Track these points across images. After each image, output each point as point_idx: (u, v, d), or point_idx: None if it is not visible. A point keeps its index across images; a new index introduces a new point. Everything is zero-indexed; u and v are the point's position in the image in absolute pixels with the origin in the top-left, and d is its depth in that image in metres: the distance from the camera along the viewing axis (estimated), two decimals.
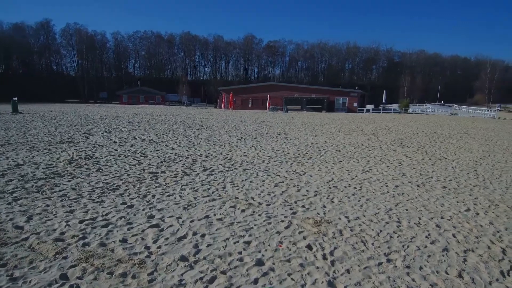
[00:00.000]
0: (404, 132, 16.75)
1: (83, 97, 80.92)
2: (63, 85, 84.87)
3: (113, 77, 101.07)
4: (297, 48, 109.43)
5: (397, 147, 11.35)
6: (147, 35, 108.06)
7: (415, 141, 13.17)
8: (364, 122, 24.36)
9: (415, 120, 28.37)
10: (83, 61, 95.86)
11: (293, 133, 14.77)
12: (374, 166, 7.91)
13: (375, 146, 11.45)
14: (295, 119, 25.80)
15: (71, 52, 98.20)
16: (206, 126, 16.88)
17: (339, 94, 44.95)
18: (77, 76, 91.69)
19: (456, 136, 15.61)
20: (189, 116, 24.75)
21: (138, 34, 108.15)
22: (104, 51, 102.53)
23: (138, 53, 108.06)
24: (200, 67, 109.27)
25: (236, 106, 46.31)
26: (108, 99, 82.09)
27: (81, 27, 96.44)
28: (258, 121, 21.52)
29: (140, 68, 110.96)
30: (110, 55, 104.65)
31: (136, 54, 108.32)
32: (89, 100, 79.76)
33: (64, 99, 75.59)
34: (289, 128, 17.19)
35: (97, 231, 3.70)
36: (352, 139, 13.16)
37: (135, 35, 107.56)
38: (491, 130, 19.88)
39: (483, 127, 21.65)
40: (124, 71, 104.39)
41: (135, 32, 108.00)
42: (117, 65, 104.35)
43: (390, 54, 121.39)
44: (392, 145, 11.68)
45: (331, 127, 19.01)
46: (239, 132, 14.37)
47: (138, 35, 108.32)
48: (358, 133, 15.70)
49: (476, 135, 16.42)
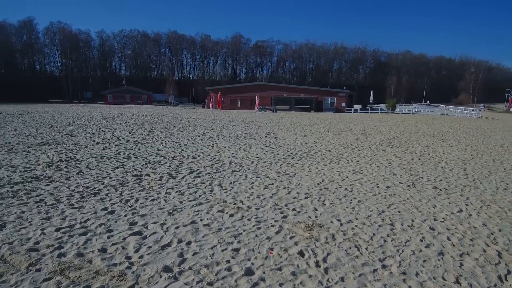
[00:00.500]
0: (392, 132, 16.82)
1: (67, 97, 79.06)
2: (47, 85, 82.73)
3: (98, 76, 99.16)
4: (285, 48, 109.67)
5: (386, 147, 11.33)
6: (133, 34, 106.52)
7: (404, 141, 13.21)
8: (353, 122, 24.46)
9: (402, 120, 28.67)
10: (67, 60, 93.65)
11: (282, 133, 14.64)
12: (364, 166, 7.82)
13: (364, 146, 11.41)
14: (284, 119, 25.72)
15: (54, 51, 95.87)
16: (193, 126, 16.59)
17: (327, 94, 45.15)
18: (61, 76, 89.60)
19: (443, 135, 15.76)
20: (176, 116, 24.36)
21: (123, 33, 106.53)
22: (88, 50, 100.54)
23: (124, 52, 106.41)
24: (188, 67, 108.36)
25: (224, 106, 46.00)
26: (93, 99, 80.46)
27: (65, 26, 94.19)
28: (247, 121, 21.33)
29: (126, 67, 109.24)
30: (95, 54, 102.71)
31: (121, 53, 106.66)
32: (73, 100, 77.97)
33: (48, 99, 73.74)
34: (278, 128, 17.06)
35: (75, 240, 3.45)
36: (341, 139, 13.11)
37: (120, 34, 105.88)
38: (476, 129, 20.21)
39: (469, 127, 22.00)
40: (109, 71, 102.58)
41: (121, 31, 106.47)
42: (102, 65, 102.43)
43: (376, 55, 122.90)
44: (381, 145, 11.66)
45: (320, 127, 18.97)
46: (227, 133, 14.15)
47: (124, 34, 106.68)
48: (347, 133, 15.68)
49: (463, 134, 16.63)
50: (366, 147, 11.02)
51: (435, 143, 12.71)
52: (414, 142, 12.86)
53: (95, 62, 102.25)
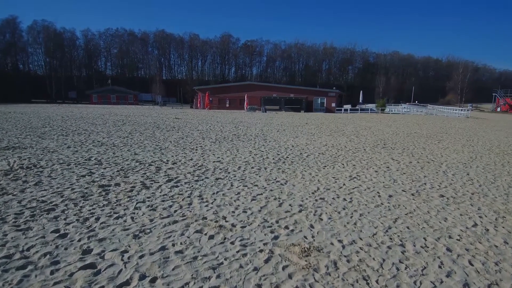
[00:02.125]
0: (385, 133, 16.33)
1: (51, 97, 76.71)
2: (30, 85, 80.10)
3: (83, 76, 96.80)
4: (274, 48, 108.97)
5: (381, 148, 10.75)
6: (119, 32, 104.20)
7: (398, 142, 12.68)
8: (344, 122, 23.97)
9: (393, 120, 28.37)
10: (51, 59, 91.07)
11: (272, 135, 13.95)
12: (361, 171, 7.19)
13: (358, 148, 10.81)
14: (274, 119, 25.06)
15: (38, 50, 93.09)
16: (178, 127, 15.72)
17: (317, 94, 44.71)
18: (45, 75, 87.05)
19: (437, 136, 15.34)
20: (161, 116, 23.41)
21: (109, 32, 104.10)
22: (73, 49, 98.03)
23: (110, 51, 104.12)
24: (176, 66, 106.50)
25: (213, 106, 45.10)
26: (77, 99, 78.24)
27: (49, 24, 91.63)
28: (235, 122, 20.58)
29: (112, 66, 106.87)
30: (80, 53, 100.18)
31: (107, 52, 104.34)
32: (57, 100, 75.65)
33: (31, 99, 71.36)
34: (268, 129, 16.37)
35: (8, 277, 2.67)
36: (334, 141, 12.50)
37: (106, 33, 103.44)
38: (468, 129, 19.94)
39: (460, 127, 21.75)
40: (95, 70, 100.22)
41: (107, 29, 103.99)
42: (87, 64, 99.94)
43: (365, 55, 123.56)
44: (376, 147, 11.09)
45: (311, 127, 18.37)
46: (213, 134, 13.37)
47: (110, 32, 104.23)
48: (339, 134, 15.10)
49: (456, 135, 16.26)
50: (361, 149, 10.41)
51: (430, 144, 12.21)
52: (409, 143, 12.35)
53: (80, 61, 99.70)
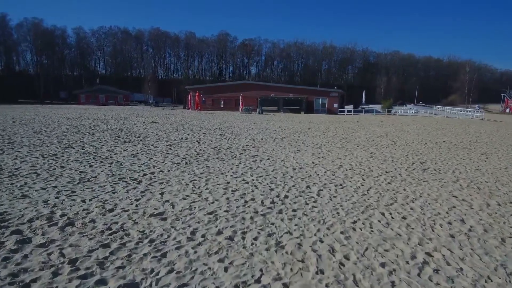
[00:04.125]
0: (408, 142, 12.96)
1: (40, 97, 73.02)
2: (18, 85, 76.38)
3: (76, 75, 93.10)
4: (273, 47, 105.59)
5: (422, 172, 7.39)
6: (112, 30, 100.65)
7: (437, 159, 9.31)
8: (352, 126, 20.60)
9: (406, 123, 25.02)
10: (41, 58, 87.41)
11: (266, 147, 10.55)
12: (426, 238, 3.78)
13: (389, 171, 7.44)
14: (271, 122, 21.69)
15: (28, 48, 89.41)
16: (144, 136, 12.22)
17: (318, 94, 41.29)
18: (34, 75, 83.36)
19: (473, 146, 12.00)
20: (138, 119, 19.96)
21: (103, 30, 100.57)
22: (65, 47, 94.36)
23: (103, 50, 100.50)
24: (172, 65, 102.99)
25: (206, 106, 41.67)
26: (67, 99, 74.59)
27: (39, 22, 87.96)
28: (224, 127, 17.17)
29: (105, 65, 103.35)
30: (72, 51, 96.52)
31: (100, 51, 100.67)
32: (45, 100, 71.97)
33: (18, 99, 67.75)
34: (261, 138, 12.97)
35: None
36: (351, 157, 9.12)
37: (99, 31, 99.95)
38: (498, 135, 16.60)
39: (485, 132, 18.43)
40: (87, 69, 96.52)
41: (100, 27, 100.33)
42: (79, 63, 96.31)
43: (365, 55, 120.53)
44: (413, 169, 7.71)
45: (316, 134, 14.98)
46: (185, 148, 9.94)
47: (103, 30, 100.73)
48: (353, 145, 11.71)
49: (493, 143, 12.92)
50: (396, 175, 7.03)
51: (480, 162, 8.85)
52: (453, 161, 8.98)
53: (72, 60, 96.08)
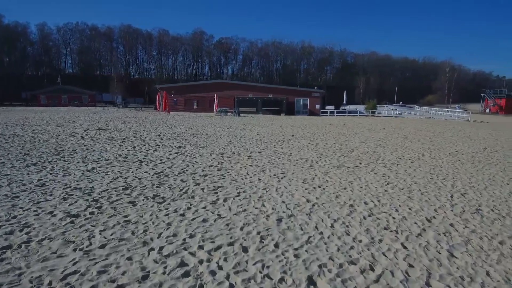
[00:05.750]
0: (415, 152, 10.35)
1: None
2: None
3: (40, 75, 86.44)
4: (250, 46, 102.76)
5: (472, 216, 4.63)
6: (80, 27, 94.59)
7: (475, 184, 6.66)
8: (341, 131, 17.98)
9: (396, 126, 22.75)
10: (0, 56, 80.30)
11: (237, 168, 7.57)
12: None
13: (431, 216, 4.64)
14: (248, 127, 18.75)
15: None
16: (67, 153, 8.84)
17: (299, 94, 38.76)
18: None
19: (498, 160, 9.55)
20: (86, 125, 16.45)
21: (69, 26, 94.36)
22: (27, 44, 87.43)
23: (70, 47, 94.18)
24: (144, 64, 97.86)
25: (178, 107, 38.14)
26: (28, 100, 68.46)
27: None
28: (188, 135, 14.03)
29: (73, 64, 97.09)
30: (35, 49, 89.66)
31: (67, 49, 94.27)
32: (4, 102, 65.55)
33: None
34: (234, 152, 9.98)
35: None
36: (359, 185, 6.29)
37: (65, 27, 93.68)
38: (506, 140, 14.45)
39: (486, 136, 16.31)
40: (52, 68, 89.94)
41: (66, 24, 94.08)
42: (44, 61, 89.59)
43: (343, 55, 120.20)
44: (464, 212, 4.96)
45: (302, 144, 12.15)
46: (112, 175, 6.80)
47: (69, 27, 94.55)
48: (354, 161, 8.93)
49: None
50: (444, 223, 4.22)
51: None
52: (496, 187, 6.36)
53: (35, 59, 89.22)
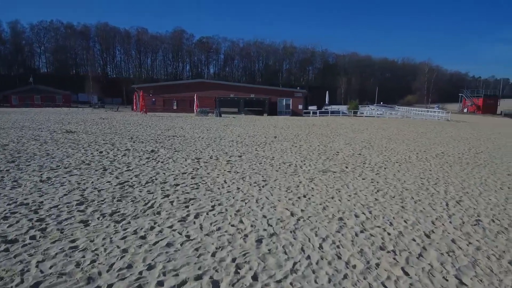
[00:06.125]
0: (401, 154, 9.98)
1: None
2: None
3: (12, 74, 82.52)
4: (232, 46, 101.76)
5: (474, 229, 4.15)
6: (54, 25, 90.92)
7: (469, 190, 6.25)
8: (324, 132, 17.57)
9: (380, 127, 22.62)
10: None
11: (214, 176, 6.89)
12: None
13: (430, 231, 4.11)
14: (229, 128, 18.06)
15: None
16: (17, 163, 7.93)
17: (281, 94, 38.35)
18: None
19: (485, 161, 9.30)
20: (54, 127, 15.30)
21: (43, 24, 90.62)
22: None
23: (44, 46, 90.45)
24: (122, 63, 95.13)
25: (157, 108, 36.92)
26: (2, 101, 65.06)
27: None
28: (163, 137, 13.20)
29: (47, 63, 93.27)
30: (7, 48, 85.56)
31: (41, 48, 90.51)
32: None
33: None
34: (211, 156, 9.27)
35: None
36: (347, 193, 5.74)
37: (39, 25, 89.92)
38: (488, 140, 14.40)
39: (469, 136, 16.30)
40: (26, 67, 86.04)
41: (40, 22, 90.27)
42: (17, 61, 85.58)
43: (325, 56, 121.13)
44: (464, 224, 4.48)
45: (285, 146, 11.58)
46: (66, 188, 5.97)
47: (44, 25, 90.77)
48: (340, 165, 8.41)
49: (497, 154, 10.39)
50: (446, 240, 3.70)
51: None
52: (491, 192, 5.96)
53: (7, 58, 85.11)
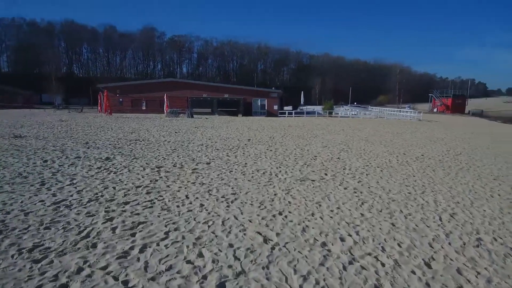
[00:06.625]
0: (381, 157, 9.38)
1: None
2: None
3: None
4: (205, 45, 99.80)
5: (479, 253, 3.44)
6: (16, 22, 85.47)
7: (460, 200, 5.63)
8: (301, 134, 16.89)
9: (355, 127, 22.31)
10: None
11: (175, 189, 5.89)
12: None
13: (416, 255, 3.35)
14: (200, 130, 16.98)
15: None
16: None
17: (256, 94, 37.53)
18: None
19: (467, 163, 8.87)
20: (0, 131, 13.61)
21: (4, 21, 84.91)
22: None
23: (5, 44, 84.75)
24: (89, 62, 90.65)
25: (125, 108, 34.96)
26: None
27: None
28: (124, 142, 11.96)
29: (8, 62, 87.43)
30: None
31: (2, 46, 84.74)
32: None
33: None
34: (175, 163, 8.24)
35: None
36: (329, 206, 4.92)
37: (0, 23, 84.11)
38: (463, 140, 14.26)
39: (443, 136, 16.20)
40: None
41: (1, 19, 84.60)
42: None
43: (299, 56, 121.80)
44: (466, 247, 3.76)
45: (259, 150, 10.70)
46: None
47: (5, 22, 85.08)
48: (319, 172, 7.63)
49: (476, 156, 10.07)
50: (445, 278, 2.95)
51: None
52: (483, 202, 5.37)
53: None
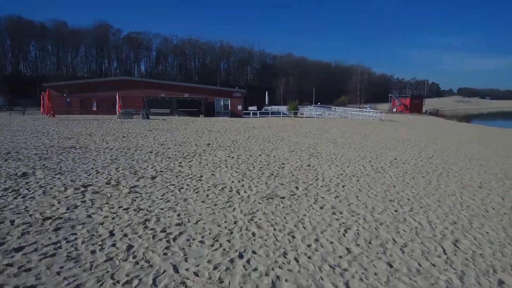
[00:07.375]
0: (353, 163, 8.22)
1: None
2: None
3: None
4: (165, 43, 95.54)
5: None
6: None
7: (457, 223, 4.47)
8: (266, 137, 15.51)
9: (322, 128, 21.40)
10: None
11: (96, 222, 4.15)
12: None
13: None
14: (153, 133, 14.99)
15: None
16: None
17: (219, 94, 35.67)
18: None
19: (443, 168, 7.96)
20: None
21: None
22: None
23: None
24: (38, 60, 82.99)
25: (72, 109, 31.56)
26: None
27: None
28: (54, 151, 9.81)
29: None
30: None
31: None
32: None
33: None
34: (109, 181, 6.42)
35: None
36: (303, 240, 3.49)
37: None
38: (430, 141, 13.72)
39: (409, 137, 15.68)
40: None
41: None
42: None
43: (262, 56, 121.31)
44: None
45: (219, 158, 9.10)
46: None
47: None
48: (288, 185, 6.22)
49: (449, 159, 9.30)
50: None
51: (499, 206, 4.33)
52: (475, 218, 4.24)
53: None
